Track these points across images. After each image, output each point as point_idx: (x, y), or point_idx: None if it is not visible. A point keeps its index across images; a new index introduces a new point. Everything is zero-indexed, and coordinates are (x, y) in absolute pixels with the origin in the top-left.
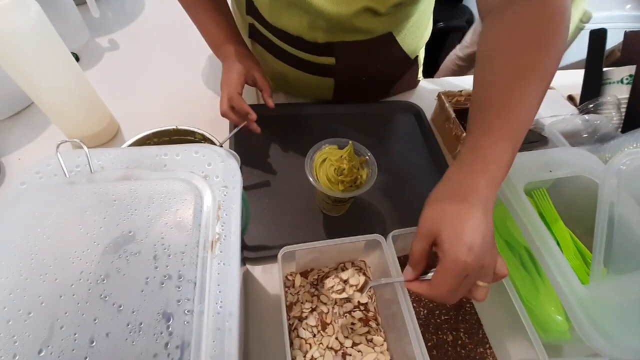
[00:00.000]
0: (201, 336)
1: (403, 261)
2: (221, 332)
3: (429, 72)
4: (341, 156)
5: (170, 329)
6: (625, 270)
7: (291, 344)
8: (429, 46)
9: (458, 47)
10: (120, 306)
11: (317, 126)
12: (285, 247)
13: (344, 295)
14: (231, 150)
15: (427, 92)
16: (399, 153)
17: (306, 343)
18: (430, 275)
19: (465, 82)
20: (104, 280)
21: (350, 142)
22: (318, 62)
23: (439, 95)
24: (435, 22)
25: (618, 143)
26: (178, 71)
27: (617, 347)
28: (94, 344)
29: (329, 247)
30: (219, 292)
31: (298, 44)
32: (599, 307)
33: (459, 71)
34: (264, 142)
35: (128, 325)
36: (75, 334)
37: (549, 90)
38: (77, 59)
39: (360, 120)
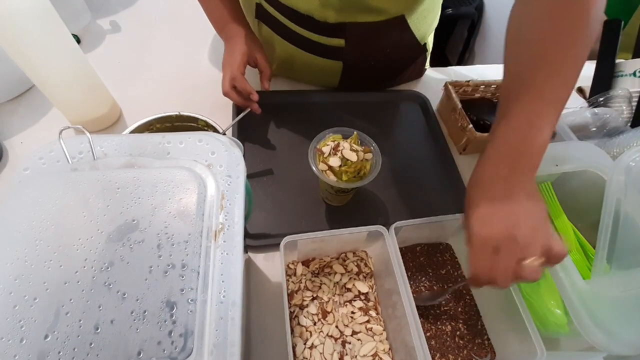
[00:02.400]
0: (204, 325)
1: (404, 252)
2: (224, 321)
3: (436, 61)
4: (343, 146)
5: (173, 317)
6: (627, 267)
7: (292, 331)
8: (436, 34)
9: None
10: (125, 294)
11: (321, 114)
12: (287, 236)
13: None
14: (234, 139)
15: (434, 81)
16: (404, 143)
17: (307, 331)
18: None
19: (473, 72)
20: (108, 268)
21: (355, 132)
22: (327, 44)
23: (445, 85)
24: (443, 8)
25: (627, 138)
26: (181, 54)
27: (616, 342)
28: (99, 330)
29: (331, 237)
30: (222, 281)
31: (308, 24)
32: (600, 303)
33: None
34: (268, 130)
35: (132, 312)
36: (80, 320)
37: None
38: (78, 41)
39: (365, 109)
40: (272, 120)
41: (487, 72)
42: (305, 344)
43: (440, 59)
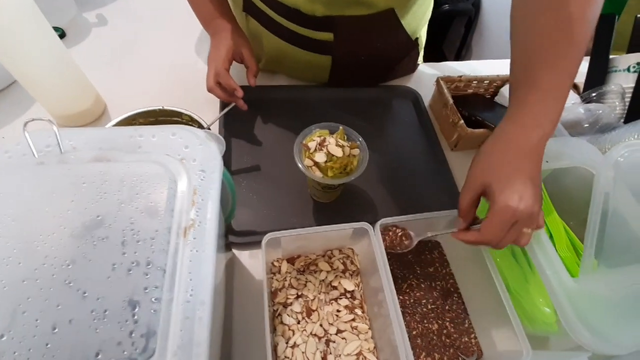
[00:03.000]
0: (169, 325)
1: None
2: (190, 321)
3: (433, 57)
4: (329, 142)
5: (135, 317)
6: (616, 265)
7: (274, 330)
8: (433, 30)
9: None
10: (85, 292)
11: (311, 110)
12: (269, 233)
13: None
14: (215, 134)
15: (427, 76)
16: (395, 140)
17: (289, 329)
18: (477, 226)
19: (466, 67)
20: (69, 266)
21: (340, 126)
22: (316, 38)
23: (437, 81)
24: (440, 4)
25: (619, 134)
26: (169, 49)
27: (603, 341)
28: (57, 330)
29: (315, 234)
30: (190, 280)
31: (295, 18)
32: (587, 301)
33: None
34: (256, 126)
35: (92, 312)
36: (37, 320)
37: None
38: (64, 34)
39: (356, 105)
40: (261, 116)
41: (481, 67)
42: (287, 342)
43: (438, 56)
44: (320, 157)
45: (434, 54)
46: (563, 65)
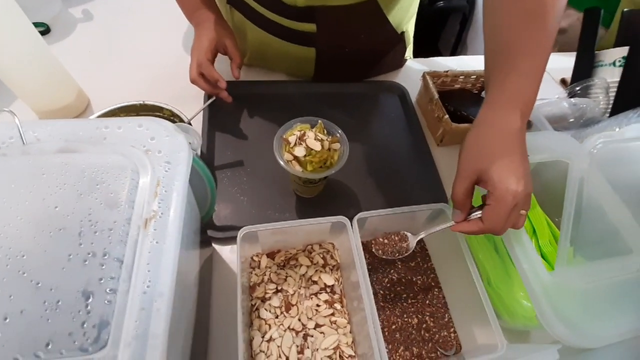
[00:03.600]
0: (124, 316)
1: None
2: (146, 313)
3: (429, 54)
4: (308, 135)
5: (89, 307)
6: (594, 256)
7: (251, 324)
8: (428, 27)
9: None
10: (39, 283)
11: (297, 105)
12: (245, 227)
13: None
14: (189, 126)
15: (414, 72)
16: (381, 135)
17: (266, 324)
18: (475, 215)
19: (454, 62)
20: (23, 256)
21: (319, 120)
22: (298, 29)
23: (423, 76)
24: (434, 1)
25: (601, 127)
26: (155, 43)
27: (578, 335)
28: (7, 320)
29: (293, 228)
30: (148, 271)
31: (277, 8)
32: (563, 294)
33: None
34: (241, 120)
35: (45, 302)
36: None
37: None
38: (48, 30)
39: (342, 100)
40: (246, 110)
41: (472, 62)
42: (263, 337)
43: (433, 53)
44: (299, 152)
45: (430, 52)
46: (537, 49)
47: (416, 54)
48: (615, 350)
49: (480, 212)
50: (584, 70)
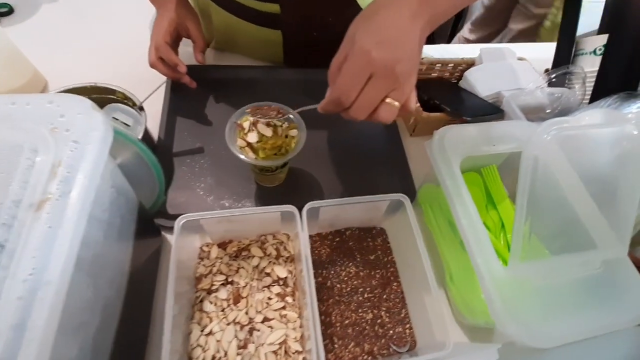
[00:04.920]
0: None
1: (329, 236)
2: (25, 302)
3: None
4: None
5: None
6: (556, 251)
7: (193, 317)
8: None
9: (466, 27)
10: None
11: (265, 91)
12: (185, 214)
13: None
14: (129, 108)
15: None
16: (351, 123)
17: (207, 317)
18: None
19: (432, 50)
20: None
21: (273, 104)
22: (262, 10)
23: None
24: None
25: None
26: (120, 26)
27: (530, 333)
28: None
29: (242, 217)
30: (34, 257)
31: None
32: (516, 291)
33: None
34: (205, 106)
35: None
36: None
37: (518, 62)
38: (12, 10)
39: (312, 87)
40: (211, 96)
41: (457, 50)
42: (202, 330)
43: (427, 41)
44: (252, 138)
45: (426, 42)
46: None
47: None
48: (572, 351)
49: None
50: (564, 59)
